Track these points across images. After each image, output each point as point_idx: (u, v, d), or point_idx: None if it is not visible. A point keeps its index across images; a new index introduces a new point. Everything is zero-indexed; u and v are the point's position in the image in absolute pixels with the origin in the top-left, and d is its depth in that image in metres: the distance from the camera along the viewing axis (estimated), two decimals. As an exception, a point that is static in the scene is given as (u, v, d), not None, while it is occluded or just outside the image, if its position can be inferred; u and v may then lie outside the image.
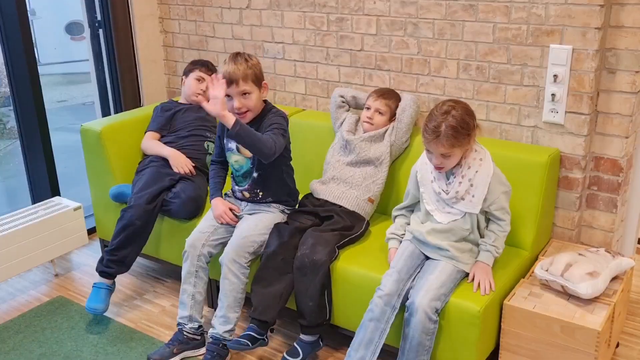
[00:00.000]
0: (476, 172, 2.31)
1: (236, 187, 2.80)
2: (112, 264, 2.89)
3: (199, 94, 3.29)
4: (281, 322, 2.85)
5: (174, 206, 2.92)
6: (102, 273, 2.91)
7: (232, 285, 2.57)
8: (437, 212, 2.39)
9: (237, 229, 2.67)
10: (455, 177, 2.34)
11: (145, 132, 3.29)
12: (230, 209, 2.74)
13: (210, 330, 2.60)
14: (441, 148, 2.25)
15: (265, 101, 2.69)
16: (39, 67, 3.44)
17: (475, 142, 2.35)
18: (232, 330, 2.58)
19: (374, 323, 2.30)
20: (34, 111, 3.41)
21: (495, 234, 2.38)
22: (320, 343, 2.62)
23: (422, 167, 2.45)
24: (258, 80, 2.59)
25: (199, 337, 2.67)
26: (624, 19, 2.45)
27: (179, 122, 3.28)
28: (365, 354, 2.30)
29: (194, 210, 2.94)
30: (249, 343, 2.51)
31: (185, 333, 2.64)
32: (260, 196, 2.74)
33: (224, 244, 2.67)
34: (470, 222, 2.35)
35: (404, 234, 2.53)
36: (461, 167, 2.33)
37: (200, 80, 3.32)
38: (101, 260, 2.92)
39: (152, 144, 3.21)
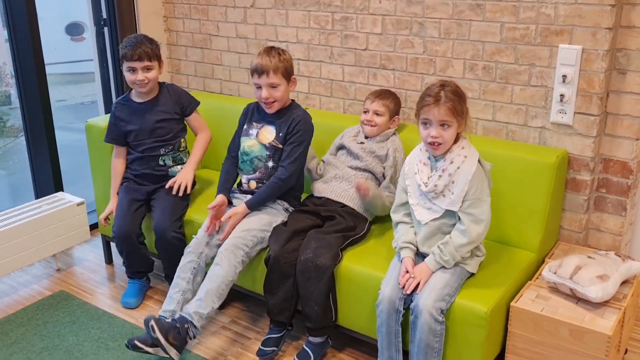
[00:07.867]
0: (458, 167, 2.24)
1: (244, 177, 2.80)
2: (133, 274, 3.07)
3: (137, 83, 2.93)
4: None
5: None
6: (131, 275, 3.09)
7: (220, 271, 2.51)
8: (419, 207, 2.33)
9: (240, 222, 2.66)
10: (436, 171, 2.29)
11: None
12: (218, 215, 2.68)
13: (179, 312, 2.49)
14: (442, 112, 2.19)
15: (292, 100, 2.79)
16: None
17: (465, 139, 2.30)
18: (202, 317, 2.44)
19: (385, 327, 2.31)
20: (40, 109, 3.43)
21: (450, 237, 2.26)
22: (329, 341, 2.62)
23: (410, 160, 2.40)
24: (288, 74, 2.69)
25: None
26: (635, 19, 2.42)
27: (132, 139, 3.02)
28: (390, 354, 2.34)
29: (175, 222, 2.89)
30: (275, 348, 2.60)
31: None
32: None
33: None
34: (455, 220, 2.29)
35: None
36: (444, 161, 2.27)
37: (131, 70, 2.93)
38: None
39: (112, 174, 3.08)
